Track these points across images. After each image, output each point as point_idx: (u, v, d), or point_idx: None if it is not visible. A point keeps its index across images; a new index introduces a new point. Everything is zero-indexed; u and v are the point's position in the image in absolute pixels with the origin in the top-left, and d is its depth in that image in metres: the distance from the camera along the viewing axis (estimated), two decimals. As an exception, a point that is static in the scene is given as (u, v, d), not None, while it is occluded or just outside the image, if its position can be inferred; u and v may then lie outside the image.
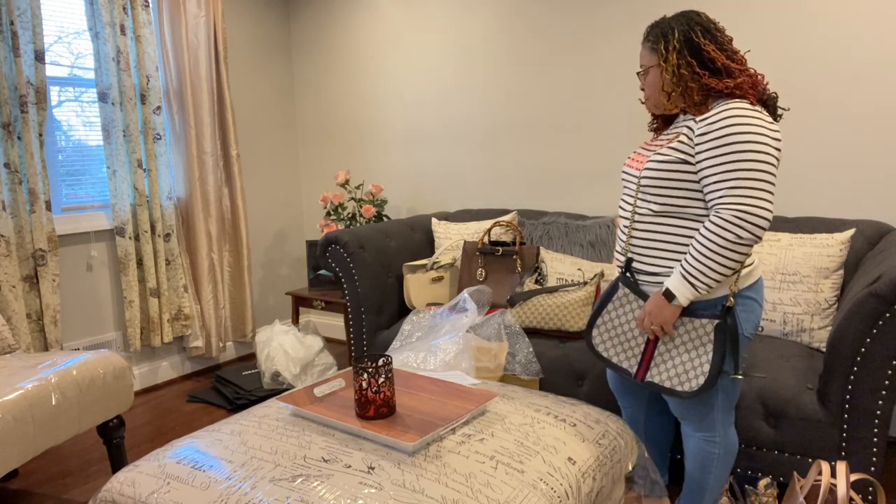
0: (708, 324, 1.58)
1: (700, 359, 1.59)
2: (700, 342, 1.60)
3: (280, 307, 4.15)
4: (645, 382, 1.67)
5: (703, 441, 1.75)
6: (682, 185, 1.56)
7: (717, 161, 1.47)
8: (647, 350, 1.66)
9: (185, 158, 3.37)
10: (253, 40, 3.85)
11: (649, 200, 1.63)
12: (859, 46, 2.41)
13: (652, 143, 1.73)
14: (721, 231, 1.45)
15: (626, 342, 1.69)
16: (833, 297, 2.21)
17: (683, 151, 1.55)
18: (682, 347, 1.62)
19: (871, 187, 2.46)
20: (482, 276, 2.81)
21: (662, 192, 1.60)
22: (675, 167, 1.56)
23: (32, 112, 2.71)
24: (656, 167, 1.59)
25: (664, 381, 1.64)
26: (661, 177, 1.58)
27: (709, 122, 1.50)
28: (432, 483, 1.35)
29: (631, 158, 1.75)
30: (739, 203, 1.43)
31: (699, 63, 1.56)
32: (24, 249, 2.75)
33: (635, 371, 1.68)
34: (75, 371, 2.03)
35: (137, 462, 1.56)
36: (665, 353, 1.64)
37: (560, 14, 3.06)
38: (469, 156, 3.47)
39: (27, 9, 2.66)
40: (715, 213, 1.48)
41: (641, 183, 1.63)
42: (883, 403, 1.79)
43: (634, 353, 1.68)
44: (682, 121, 1.68)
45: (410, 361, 2.20)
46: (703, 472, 1.78)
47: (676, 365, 1.63)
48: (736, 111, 1.47)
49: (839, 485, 1.61)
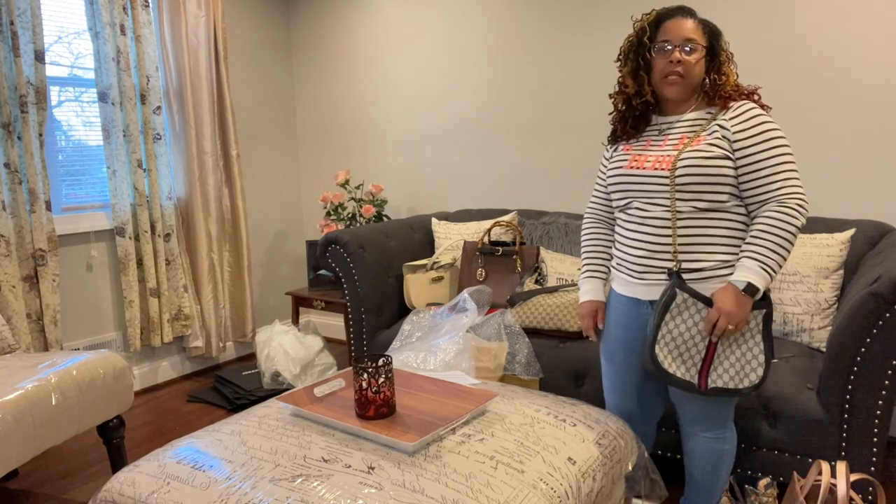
0: (758, 314, 1.57)
1: (752, 351, 1.58)
2: (751, 335, 1.58)
3: (280, 307, 4.15)
4: (708, 390, 1.60)
5: (714, 441, 1.73)
6: (725, 179, 1.56)
7: (767, 155, 1.54)
8: (707, 356, 1.59)
9: (185, 158, 3.37)
10: (253, 40, 3.85)
11: (692, 199, 1.58)
12: (860, 46, 2.41)
13: (646, 143, 1.67)
14: (790, 219, 1.51)
15: (686, 352, 1.60)
16: (833, 297, 2.21)
17: (723, 148, 1.56)
18: (735, 345, 1.59)
19: (871, 187, 2.46)
20: (482, 276, 2.81)
21: (708, 189, 1.57)
22: (719, 163, 1.55)
23: (32, 112, 2.71)
24: (700, 164, 1.55)
25: (727, 382, 1.59)
26: (707, 173, 1.55)
27: (744, 120, 1.55)
28: (432, 483, 1.35)
29: (629, 160, 1.67)
30: (797, 193, 1.53)
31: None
32: (24, 249, 2.75)
33: (698, 381, 1.60)
34: (75, 371, 2.03)
35: (137, 462, 1.56)
36: (721, 355, 1.59)
37: (560, 14, 3.06)
38: (469, 156, 3.47)
39: (27, 9, 2.66)
40: (778, 203, 1.53)
41: (679, 181, 1.57)
42: (883, 403, 1.79)
43: (695, 363, 1.60)
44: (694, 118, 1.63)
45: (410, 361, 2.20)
46: (715, 471, 1.76)
47: (733, 363, 1.59)
48: (759, 110, 1.56)
49: (839, 485, 1.61)
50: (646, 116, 1.71)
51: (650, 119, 1.71)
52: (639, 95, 1.66)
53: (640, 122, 1.71)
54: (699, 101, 1.65)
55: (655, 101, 1.69)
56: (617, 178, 1.69)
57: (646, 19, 1.63)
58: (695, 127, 1.62)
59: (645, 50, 1.62)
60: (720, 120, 1.58)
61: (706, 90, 1.64)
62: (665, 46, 1.59)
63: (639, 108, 1.69)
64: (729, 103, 1.59)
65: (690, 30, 1.57)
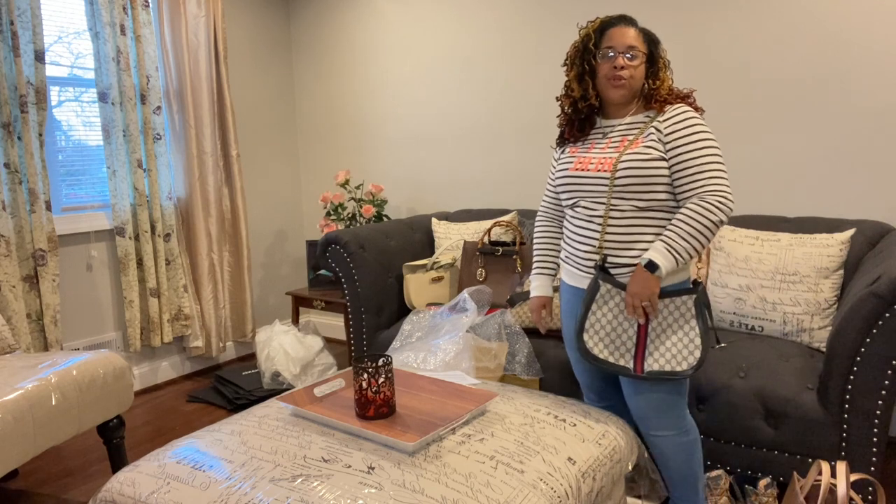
0: (688, 299, 1.67)
1: (689, 335, 1.67)
2: (684, 319, 1.67)
3: (280, 307, 4.15)
4: (645, 373, 1.68)
5: (676, 436, 1.77)
6: (661, 180, 1.66)
7: (693, 155, 1.62)
8: (639, 341, 1.69)
9: (185, 158, 3.37)
10: (253, 40, 3.85)
11: (629, 198, 1.68)
12: (859, 45, 2.41)
13: (589, 146, 1.77)
14: (708, 213, 1.60)
15: (616, 339, 1.71)
16: (833, 297, 2.21)
17: (658, 150, 1.65)
18: (670, 330, 1.68)
19: (871, 187, 2.46)
20: (482, 276, 2.81)
21: (642, 189, 1.66)
22: (655, 164, 1.65)
23: (32, 112, 2.71)
24: (638, 165, 1.65)
25: (663, 366, 1.67)
26: (642, 174, 1.65)
27: (675, 122, 1.64)
28: (432, 483, 1.35)
29: (574, 162, 1.76)
30: (721, 190, 1.61)
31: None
32: (24, 249, 2.75)
33: (633, 365, 1.69)
34: (75, 371, 2.03)
35: (137, 462, 1.56)
36: (656, 340, 1.68)
37: (560, 14, 3.06)
38: (469, 156, 3.47)
39: (27, 9, 2.66)
40: (699, 199, 1.61)
41: (618, 182, 1.67)
42: (883, 403, 1.79)
43: (628, 348, 1.70)
44: (631, 121, 1.73)
45: (410, 361, 2.20)
46: (689, 462, 1.80)
47: (669, 347, 1.67)
48: (691, 113, 1.66)
49: (839, 485, 1.61)
50: (591, 119, 1.81)
51: (595, 122, 1.81)
52: (584, 99, 1.75)
53: (586, 125, 1.81)
54: (638, 105, 1.75)
55: (599, 105, 1.78)
56: (564, 179, 1.78)
57: (591, 27, 1.73)
58: (633, 130, 1.72)
59: (590, 56, 1.72)
60: (655, 123, 1.68)
61: (645, 94, 1.75)
62: (608, 52, 1.68)
63: (584, 112, 1.79)
64: (665, 107, 1.68)
65: (632, 37, 1.68)
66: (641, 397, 1.75)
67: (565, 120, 1.83)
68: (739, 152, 2.70)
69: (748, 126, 2.67)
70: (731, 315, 2.36)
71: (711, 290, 2.42)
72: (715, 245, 2.45)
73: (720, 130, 2.73)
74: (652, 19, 2.82)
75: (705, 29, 2.71)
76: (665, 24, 2.79)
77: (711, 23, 2.69)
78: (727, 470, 2.04)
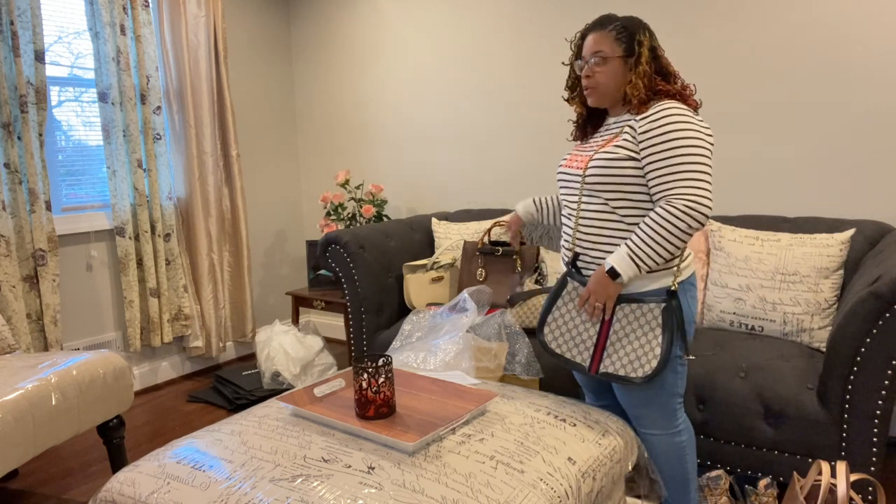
0: (655, 308, 1.63)
1: (651, 343, 1.63)
2: (649, 327, 1.64)
3: (280, 307, 4.15)
4: (599, 374, 1.68)
5: (669, 436, 1.77)
6: (630, 180, 1.63)
7: (665, 155, 1.55)
8: (599, 342, 1.69)
9: (185, 158, 3.38)
10: (253, 40, 3.85)
11: (597, 197, 1.68)
12: (859, 45, 2.41)
13: (588, 144, 1.78)
14: (672, 219, 1.53)
15: (577, 336, 1.71)
16: (833, 297, 2.21)
17: (628, 149, 1.62)
18: (633, 335, 1.65)
19: (871, 187, 2.46)
20: (482, 276, 2.81)
21: (610, 189, 1.65)
22: (622, 164, 1.63)
23: (32, 112, 2.71)
24: (604, 165, 1.64)
25: (618, 369, 1.66)
26: (609, 174, 1.64)
27: (651, 120, 1.58)
28: (432, 483, 1.35)
29: (567, 160, 1.80)
30: (689, 194, 1.53)
31: (657, 66, 1.66)
32: (24, 249, 2.75)
33: (589, 364, 1.69)
34: (75, 371, 2.03)
35: (137, 462, 1.56)
36: (616, 343, 1.67)
37: (560, 14, 3.06)
38: (469, 156, 3.47)
39: (27, 9, 2.66)
40: (666, 202, 1.55)
41: (587, 181, 1.67)
42: (883, 403, 1.79)
43: (587, 347, 1.70)
44: (615, 121, 1.73)
45: (410, 361, 2.20)
46: (681, 463, 1.80)
47: (629, 353, 1.66)
48: (674, 110, 1.57)
49: (839, 485, 1.61)
50: (595, 121, 1.83)
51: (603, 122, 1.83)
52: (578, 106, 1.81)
53: (588, 126, 1.84)
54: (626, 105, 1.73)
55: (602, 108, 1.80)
56: (558, 174, 1.82)
57: (576, 37, 1.76)
58: (615, 129, 1.72)
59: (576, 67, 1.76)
60: (632, 121, 1.64)
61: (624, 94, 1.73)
62: (580, 63, 1.72)
63: (581, 117, 1.82)
64: (644, 107, 1.63)
65: (598, 42, 1.66)
66: (629, 396, 1.76)
67: (577, 120, 1.86)
68: (739, 152, 2.70)
69: (748, 126, 2.67)
70: (731, 315, 2.36)
71: (711, 290, 2.42)
72: (715, 245, 2.45)
73: (720, 130, 2.73)
74: (654, 18, 2.82)
75: (706, 29, 2.71)
76: (666, 24, 2.79)
77: (713, 22, 2.69)
78: (727, 470, 2.04)
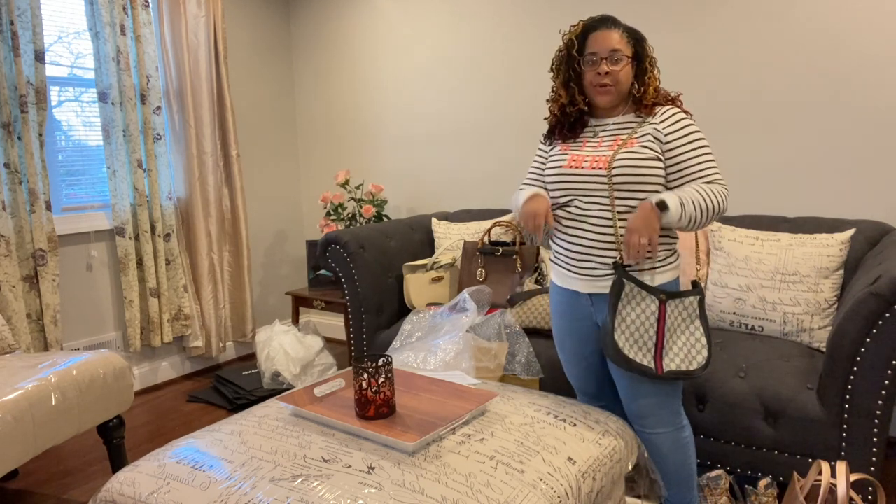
0: (694, 301, 1.70)
1: (695, 335, 1.70)
2: (690, 320, 1.70)
3: (280, 307, 4.15)
4: (665, 373, 1.67)
5: (676, 432, 1.77)
6: (656, 179, 1.66)
7: (694, 154, 1.66)
8: (658, 341, 1.69)
9: (185, 158, 3.37)
10: (253, 40, 3.85)
11: (627, 197, 1.67)
12: (859, 45, 2.41)
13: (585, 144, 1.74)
14: (720, 197, 1.64)
15: (640, 338, 1.69)
16: (833, 297, 2.21)
17: (654, 150, 1.66)
18: (678, 330, 1.70)
19: (871, 187, 2.46)
20: (482, 276, 2.81)
21: (640, 188, 1.66)
22: (651, 164, 1.65)
23: (32, 112, 2.71)
24: (635, 164, 1.64)
25: (679, 365, 1.68)
26: (640, 173, 1.65)
27: (673, 122, 1.67)
28: (432, 483, 1.35)
29: (567, 160, 1.73)
30: (722, 181, 1.68)
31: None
32: (24, 249, 2.75)
33: (654, 365, 1.67)
34: (75, 371, 2.03)
35: (137, 462, 1.56)
36: (669, 340, 1.69)
37: (560, 14, 3.06)
38: (469, 156, 3.47)
39: (27, 9, 2.66)
40: (707, 180, 1.66)
41: (616, 181, 1.66)
42: (883, 403, 1.79)
43: (649, 348, 1.69)
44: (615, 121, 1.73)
45: (410, 361, 2.20)
46: (685, 460, 1.80)
47: (681, 347, 1.70)
48: (686, 115, 1.69)
49: (839, 485, 1.61)
50: (581, 120, 1.78)
51: (586, 122, 1.79)
52: (572, 104, 1.74)
53: (577, 126, 1.78)
54: (629, 105, 1.74)
55: (589, 106, 1.77)
56: (557, 175, 1.75)
57: (573, 31, 1.71)
58: (626, 129, 1.72)
59: (574, 62, 1.71)
60: (652, 124, 1.68)
61: (633, 95, 1.73)
62: (592, 58, 1.67)
63: (573, 115, 1.76)
64: (654, 109, 1.69)
65: (616, 41, 1.65)
66: (642, 396, 1.74)
67: (554, 121, 1.81)
68: (739, 152, 2.70)
69: (748, 126, 2.67)
70: (731, 315, 2.36)
71: (711, 290, 2.42)
72: (715, 245, 2.45)
73: (720, 130, 2.73)
74: (652, 19, 2.82)
75: (705, 29, 2.71)
76: (665, 24, 2.79)
77: (712, 23, 2.69)
78: (727, 470, 2.04)
